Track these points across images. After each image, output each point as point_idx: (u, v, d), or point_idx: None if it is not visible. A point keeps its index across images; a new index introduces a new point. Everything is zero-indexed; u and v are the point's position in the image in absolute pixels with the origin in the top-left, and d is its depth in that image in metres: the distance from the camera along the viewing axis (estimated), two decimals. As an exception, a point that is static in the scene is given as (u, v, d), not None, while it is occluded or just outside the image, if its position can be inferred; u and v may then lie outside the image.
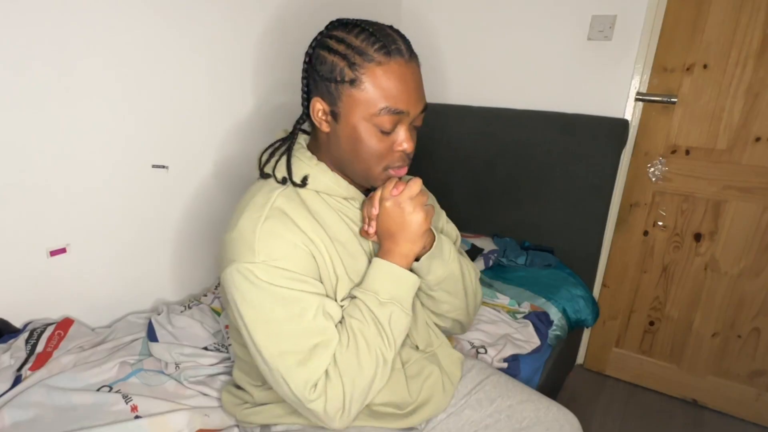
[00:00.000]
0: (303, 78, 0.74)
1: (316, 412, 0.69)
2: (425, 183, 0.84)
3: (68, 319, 1.11)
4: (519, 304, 1.42)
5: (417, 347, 0.89)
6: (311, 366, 0.69)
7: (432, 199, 1.00)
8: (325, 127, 0.73)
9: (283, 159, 0.78)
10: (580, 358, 1.93)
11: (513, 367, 1.16)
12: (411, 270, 0.78)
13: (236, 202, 0.79)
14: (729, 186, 1.51)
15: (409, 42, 0.72)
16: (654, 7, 1.48)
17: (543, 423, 0.88)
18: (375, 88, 0.68)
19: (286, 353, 0.69)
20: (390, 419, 0.84)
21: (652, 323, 1.75)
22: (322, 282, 0.75)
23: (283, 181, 0.76)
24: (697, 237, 1.60)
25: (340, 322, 0.74)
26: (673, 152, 1.58)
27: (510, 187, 1.73)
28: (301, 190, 0.77)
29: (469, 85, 1.82)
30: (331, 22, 0.74)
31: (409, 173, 0.96)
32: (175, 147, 1.25)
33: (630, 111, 1.59)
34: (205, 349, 1.11)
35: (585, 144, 1.58)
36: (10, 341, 1.01)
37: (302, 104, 0.76)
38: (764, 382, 1.60)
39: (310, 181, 0.76)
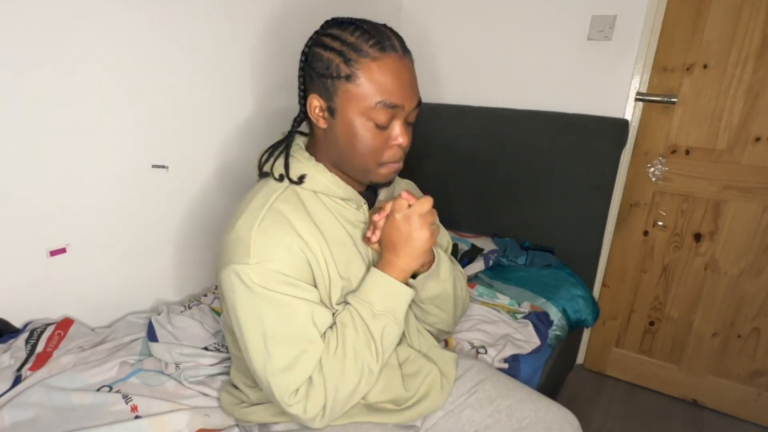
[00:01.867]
0: (300, 76, 0.75)
1: (295, 415, 0.72)
2: (425, 182, 0.84)
3: (68, 319, 1.11)
4: (519, 304, 1.42)
5: (412, 346, 0.90)
6: (295, 372, 0.71)
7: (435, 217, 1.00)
8: (322, 124, 0.75)
9: (282, 158, 0.79)
10: (580, 358, 1.93)
11: (513, 367, 1.16)
12: (407, 283, 0.79)
13: (236, 202, 0.80)
14: (729, 186, 1.51)
15: (402, 39, 0.73)
16: (654, 7, 1.48)
17: (543, 422, 0.88)
18: (370, 82, 0.69)
19: (272, 357, 0.70)
20: (388, 414, 0.85)
21: (652, 323, 1.75)
22: (316, 286, 0.75)
23: (281, 179, 0.77)
24: (697, 237, 1.60)
25: (331, 327, 0.75)
26: (673, 152, 1.58)
27: (510, 187, 1.73)
28: (299, 191, 0.78)
29: (469, 85, 1.82)
30: (326, 21, 0.75)
31: (409, 172, 0.96)
32: (175, 147, 1.25)
33: (630, 111, 1.59)
34: (205, 349, 1.11)
35: (585, 144, 1.58)
36: (10, 341, 1.01)
37: (299, 102, 0.77)
38: (764, 382, 1.60)
39: (308, 181, 0.77)
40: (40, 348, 1.02)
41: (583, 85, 1.63)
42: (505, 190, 1.75)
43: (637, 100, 1.58)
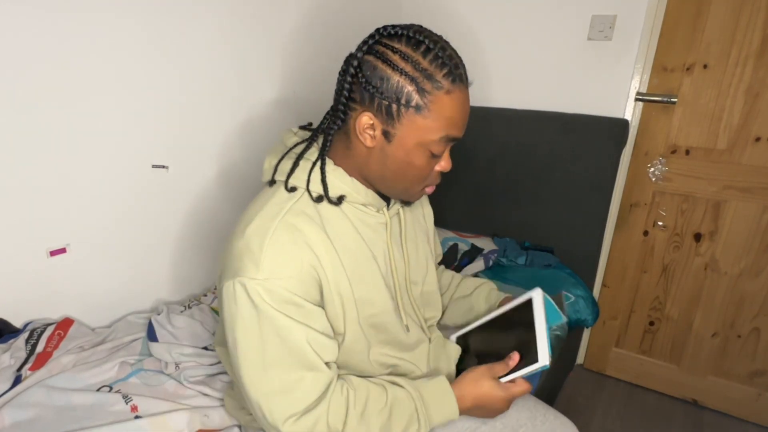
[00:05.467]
0: (347, 83, 0.68)
1: None
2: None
3: (68, 319, 1.11)
4: (519, 304, 1.41)
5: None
6: (292, 397, 0.67)
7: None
8: (369, 143, 0.69)
9: (311, 171, 0.73)
10: (580, 359, 1.93)
11: (513, 367, 1.16)
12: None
13: (237, 203, 0.79)
14: (729, 186, 1.51)
15: (464, 65, 0.70)
16: (654, 7, 1.48)
17: (539, 431, 0.87)
18: (440, 116, 0.66)
19: (269, 379, 0.68)
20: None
21: (652, 323, 1.75)
22: (324, 307, 0.72)
23: (318, 200, 0.73)
24: (697, 237, 1.60)
25: (382, 387, 0.75)
26: (673, 152, 1.57)
27: (510, 187, 1.73)
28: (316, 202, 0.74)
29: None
30: (386, 29, 0.67)
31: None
32: (175, 147, 1.25)
33: (630, 111, 1.59)
34: (205, 349, 1.11)
35: (585, 144, 1.58)
36: (10, 341, 1.01)
37: (338, 109, 0.70)
38: (764, 382, 1.60)
39: (330, 188, 0.73)
40: (40, 348, 1.02)
41: (583, 85, 1.63)
42: (505, 190, 1.75)
43: (637, 100, 1.58)
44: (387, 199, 0.81)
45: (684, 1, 1.46)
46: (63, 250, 1.09)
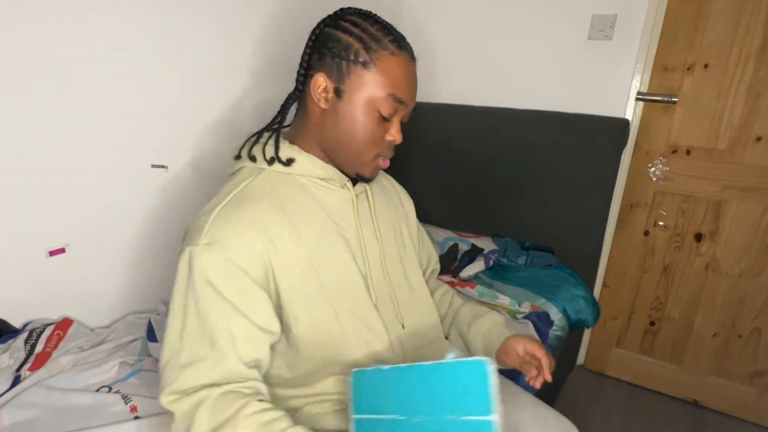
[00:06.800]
0: (305, 54, 0.75)
1: (167, 410, 0.66)
2: (425, 182, 0.84)
3: (68, 320, 1.11)
4: (519, 304, 1.41)
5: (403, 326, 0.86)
6: (185, 373, 0.66)
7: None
8: (323, 104, 0.74)
9: (261, 142, 0.78)
10: (580, 359, 1.93)
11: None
12: None
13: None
14: (730, 186, 1.51)
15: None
16: (655, 6, 1.48)
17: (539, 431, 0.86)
18: (385, 74, 0.72)
19: (180, 348, 0.67)
20: None
21: (652, 323, 1.75)
22: (272, 288, 0.71)
23: (270, 161, 0.76)
24: (698, 237, 1.60)
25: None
26: (674, 152, 1.57)
27: (510, 187, 1.73)
28: (276, 176, 0.76)
29: (470, 85, 1.82)
30: (343, 9, 0.77)
31: (410, 172, 0.96)
32: (175, 146, 1.25)
33: (630, 111, 1.59)
34: (205, 349, 1.10)
35: (585, 144, 1.58)
36: (10, 341, 1.01)
37: (298, 81, 0.77)
38: (765, 383, 1.60)
39: (281, 152, 0.76)
40: (39, 348, 1.01)
41: (583, 85, 1.63)
42: (505, 190, 1.74)
43: (637, 99, 1.57)
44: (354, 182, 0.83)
45: (685, 0, 1.45)
46: (63, 250, 1.09)
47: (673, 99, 1.52)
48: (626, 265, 1.74)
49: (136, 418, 0.90)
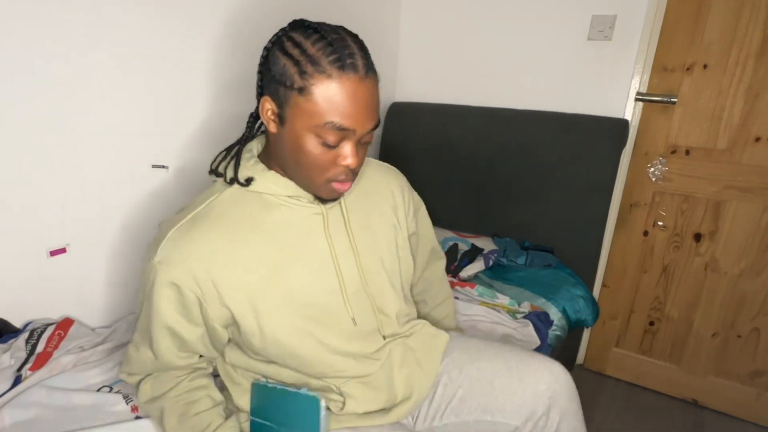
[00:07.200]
0: (258, 72, 0.73)
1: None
2: (426, 182, 0.84)
3: (68, 319, 1.11)
4: (519, 304, 1.42)
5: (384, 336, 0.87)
6: (135, 359, 0.82)
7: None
8: (272, 128, 0.72)
9: (228, 158, 0.79)
10: (580, 358, 1.93)
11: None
12: None
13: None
14: (729, 186, 1.51)
15: (369, 57, 0.69)
16: (654, 6, 1.48)
17: (519, 378, 0.86)
18: (322, 101, 0.65)
19: (137, 335, 0.82)
20: (377, 416, 0.85)
21: (652, 323, 1.75)
22: (211, 311, 0.75)
23: (231, 182, 0.77)
24: (697, 237, 1.60)
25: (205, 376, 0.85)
26: (673, 152, 1.58)
27: (510, 187, 1.73)
28: (244, 194, 0.77)
29: (469, 85, 1.82)
30: (294, 21, 0.71)
31: (409, 172, 0.95)
32: (175, 146, 1.25)
33: (630, 111, 1.59)
34: (205, 349, 1.11)
35: (585, 144, 1.58)
36: (10, 341, 1.01)
37: (256, 98, 0.75)
38: (764, 383, 1.60)
39: (253, 183, 0.76)
40: (40, 348, 1.02)
41: (583, 85, 1.63)
42: (505, 190, 1.75)
43: (637, 100, 1.58)
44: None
45: (684, 1, 1.46)
46: (63, 250, 1.09)
47: (673, 99, 1.52)
48: (626, 265, 1.74)
49: (137, 417, 0.90)
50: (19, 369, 0.97)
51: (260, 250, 0.75)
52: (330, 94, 0.65)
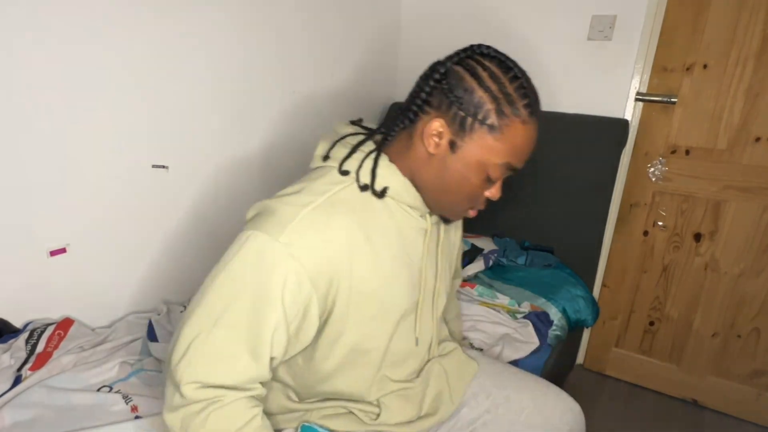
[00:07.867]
0: (428, 87, 0.68)
1: (172, 405, 0.64)
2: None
3: (68, 319, 1.11)
4: (519, 304, 1.42)
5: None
6: (217, 367, 0.64)
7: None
8: (432, 148, 0.69)
9: (364, 159, 0.72)
10: (580, 358, 1.93)
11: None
12: None
13: (237, 202, 0.78)
14: (729, 186, 1.51)
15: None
16: (654, 7, 1.48)
17: (542, 412, 0.87)
18: (509, 142, 0.66)
19: (209, 335, 0.64)
20: (404, 426, 0.85)
21: (652, 323, 1.75)
22: (328, 302, 0.69)
23: (364, 188, 0.71)
24: (697, 237, 1.60)
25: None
26: (673, 152, 1.58)
27: (510, 187, 1.71)
28: (369, 192, 0.72)
29: (469, 85, 1.82)
30: (480, 47, 0.69)
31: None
32: (175, 146, 1.25)
33: (630, 111, 1.59)
34: (205, 349, 1.11)
35: (585, 144, 1.58)
36: (10, 341, 1.01)
37: (410, 110, 0.70)
38: (764, 382, 1.60)
39: (378, 179, 0.71)
40: (40, 348, 1.02)
41: (583, 85, 1.63)
42: (504, 190, 1.73)
43: (637, 100, 1.58)
44: None
45: (684, 1, 1.46)
46: (63, 250, 1.09)
47: (673, 99, 1.52)
48: (625, 265, 1.74)
49: (137, 417, 0.90)
50: (19, 369, 0.97)
51: (380, 256, 0.71)
52: (517, 137, 0.66)
